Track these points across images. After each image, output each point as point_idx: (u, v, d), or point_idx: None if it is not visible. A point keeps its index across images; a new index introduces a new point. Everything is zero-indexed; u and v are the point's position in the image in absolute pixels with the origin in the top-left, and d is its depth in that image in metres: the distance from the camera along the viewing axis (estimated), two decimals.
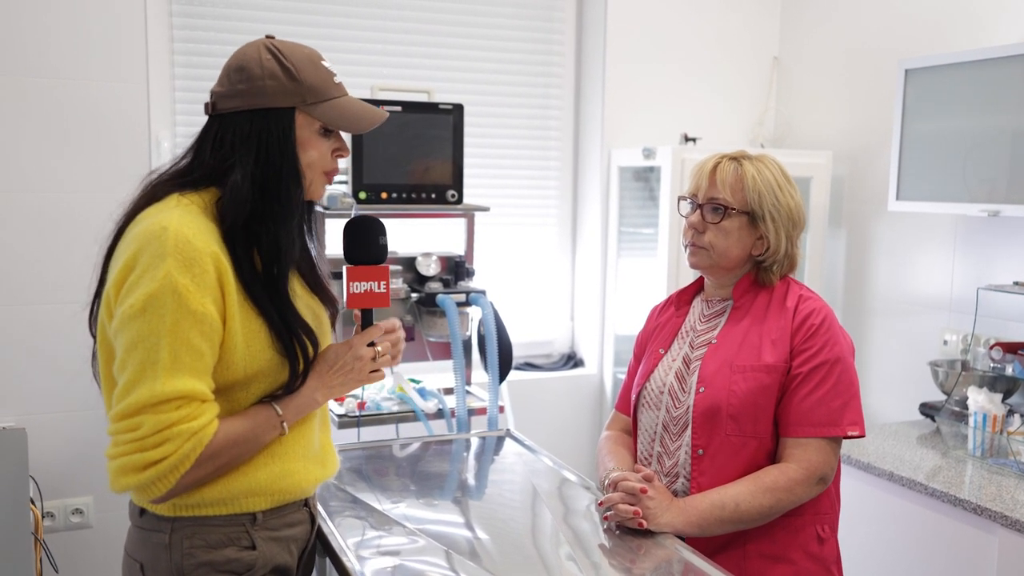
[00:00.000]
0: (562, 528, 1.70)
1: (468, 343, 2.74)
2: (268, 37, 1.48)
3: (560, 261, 3.60)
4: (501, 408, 2.65)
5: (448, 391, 2.72)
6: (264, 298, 1.41)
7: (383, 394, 2.67)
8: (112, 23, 2.69)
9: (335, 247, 1.75)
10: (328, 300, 1.60)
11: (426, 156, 2.64)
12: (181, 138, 2.90)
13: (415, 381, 2.74)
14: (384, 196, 2.59)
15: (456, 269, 2.75)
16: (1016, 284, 2.60)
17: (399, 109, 2.59)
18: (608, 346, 3.48)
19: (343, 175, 2.58)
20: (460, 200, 2.70)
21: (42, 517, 2.59)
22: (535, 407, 3.33)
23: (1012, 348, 2.60)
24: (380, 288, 1.57)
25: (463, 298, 2.64)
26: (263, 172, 1.41)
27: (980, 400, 2.46)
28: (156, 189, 1.44)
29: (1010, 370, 2.57)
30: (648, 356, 1.88)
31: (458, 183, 2.69)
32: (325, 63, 1.48)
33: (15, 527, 2.42)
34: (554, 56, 3.47)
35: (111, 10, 2.68)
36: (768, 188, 1.73)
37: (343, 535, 1.64)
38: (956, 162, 2.62)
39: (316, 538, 1.62)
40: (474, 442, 2.33)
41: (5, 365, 2.65)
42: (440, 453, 2.24)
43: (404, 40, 3.20)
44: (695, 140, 3.31)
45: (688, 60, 3.51)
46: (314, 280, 1.57)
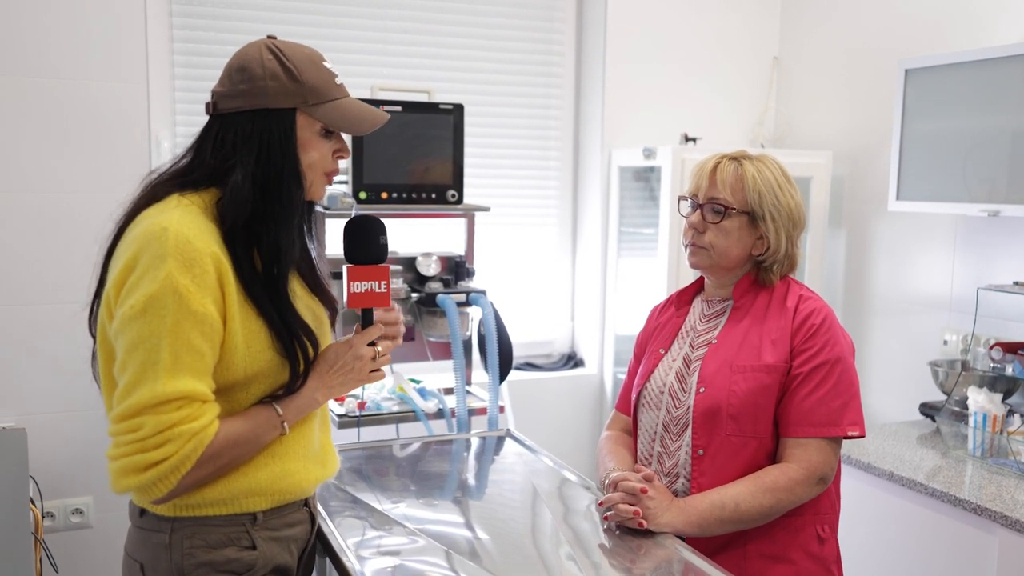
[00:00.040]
0: (562, 528, 1.70)
1: (468, 343, 2.74)
2: (270, 37, 1.48)
3: (560, 261, 3.60)
4: (501, 408, 2.65)
5: (448, 391, 2.72)
6: (264, 299, 1.41)
7: (383, 394, 2.67)
8: (112, 23, 2.69)
9: (335, 247, 1.75)
10: (328, 301, 1.60)
11: (426, 156, 2.64)
12: (181, 138, 2.89)
13: (415, 381, 2.74)
14: (384, 196, 2.59)
15: (456, 269, 2.75)
16: (1016, 284, 2.60)
17: (399, 109, 2.59)
18: (608, 346, 3.48)
19: (343, 175, 2.58)
20: (460, 200, 2.70)
21: (42, 517, 2.59)
22: (535, 407, 3.33)
23: (1012, 348, 2.60)
24: (380, 288, 1.57)
25: (463, 298, 2.64)
26: (264, 173, 1.41)
27: (980, 400, 2.46)
28: (156, 189, 1.44)
29: (1010, 370, 2.57)
30: (648, 356, 1.88)
31: (458, 183, 2.69)
32: (327, 64, 1.48)
33: (15, 527, 2.42)
34: (554, 56, 3.47)
35: (111, 10, 2.68)
36: (768, 188, 1.73)
37: (343, 535, 1.64)
38: (956, 162, 2.62)
39: (316, 538, 1.62)
40: (474, 442, 2.33)
41: (5, 365, 2.65)
42: (440, 453, 2.24)
43: (404, 40, 3.20)
44: (695, 140, 3.31)
45: (688, 60, 3.51)
46: (314, 281, 1.57)
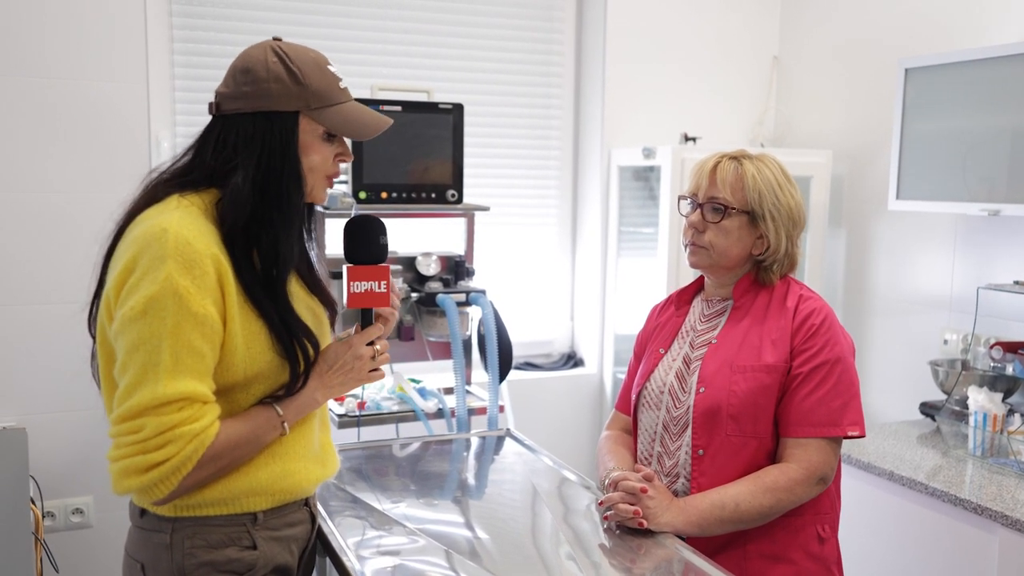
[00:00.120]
0: (562, 528, 1.70)
1: (468, 343, 2.74)
2: (275, 39, 1.47)
3: (560, 261, 3.60)
4: (501, 408, 2.65)
5: (448, 391, 2.72)
6: (264, 300, 1.41)
7: (383, 394, 2.67)
8: (112, 23, 2.69)
9: (335, 247, 1.75)
10: (327, 302, 1.59)
11: (426, 156, 2.64)
12: (181, 138, 2.89)
13: (415, 381, 2.74)
14: (384, 196, 2.59)
15: (456, 269, 2.75)
16: (1016, 283, 2.60)
17: (399, 109, 2.59)
18: (608, 346, 3.48)
19: (343, 175, 2.58)
20: (460, 200, 2.70)
21: (42, 517, 2.59)
22: (535, 407, 3.33)
23: (1012, 347, 2.60)
24: (380, 288, 1.57)
25: (463, 298, 2.64)
26: (264, 175, 1.41)
27: (980, 399, 2.46)
28: (156, 189, 1.44)
29: (1010, 369, 2.57)
30: (648, 356, 1.88)
31: (458, 183, 2.69)
32: (331, 68, 1.47)
33: (15, 527, 2.43)
34: (554, 56, 3.47)
35: (111, 10, 2.68)
36: (768, 187, 1.73)
37: (343, 535, 1.64)
38: (956, 161, 2.62)
39: (316, 538, 1.63)
40: (474, 442, 2.33)
41: (5, 365, 2.65)
42: (440, 453, 2.24)
43: (404, 40, 3.20)
44: (695, 140, 3.31)
45: (688, 60, 3.50)
46: (313, 281, 1.57)
